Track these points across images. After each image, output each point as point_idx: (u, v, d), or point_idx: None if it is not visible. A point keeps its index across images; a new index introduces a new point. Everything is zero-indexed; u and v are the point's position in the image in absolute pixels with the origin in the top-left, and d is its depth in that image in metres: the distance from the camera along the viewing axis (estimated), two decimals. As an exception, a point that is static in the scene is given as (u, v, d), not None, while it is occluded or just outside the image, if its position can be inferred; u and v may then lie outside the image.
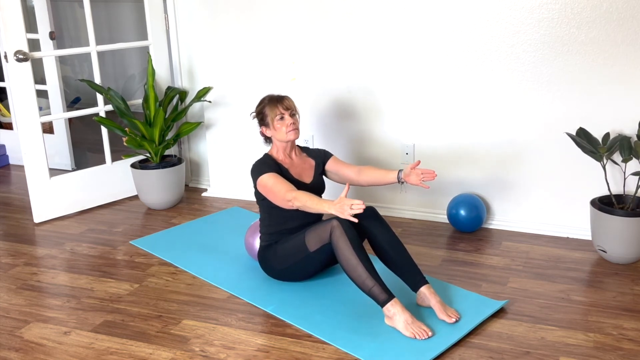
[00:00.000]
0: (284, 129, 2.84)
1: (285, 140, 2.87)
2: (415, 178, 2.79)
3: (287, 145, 2.91)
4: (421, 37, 3.43)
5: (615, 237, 3.01)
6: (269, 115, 2.86)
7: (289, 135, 2.84)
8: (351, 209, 2.38)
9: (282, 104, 2.86)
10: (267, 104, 2.88)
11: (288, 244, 2.78)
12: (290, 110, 2.87)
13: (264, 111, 2.89)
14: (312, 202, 2.57)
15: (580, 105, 3.22)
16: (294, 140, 2.89)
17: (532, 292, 2.82)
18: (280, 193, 2.68)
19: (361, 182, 2.98)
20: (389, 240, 2.70)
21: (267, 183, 2.75)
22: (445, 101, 3.48)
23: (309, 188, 2.87)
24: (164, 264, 3.19)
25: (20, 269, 3.18)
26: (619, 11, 3.04)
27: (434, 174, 2.79)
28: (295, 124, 2.86)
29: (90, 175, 4.01)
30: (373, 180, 2.96)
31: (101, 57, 4.16)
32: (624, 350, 2.38)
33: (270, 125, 2.86)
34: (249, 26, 3.80)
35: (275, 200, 2.73)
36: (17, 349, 2.48)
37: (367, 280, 2.49)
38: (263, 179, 2.77)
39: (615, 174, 3.22)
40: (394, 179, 2.89)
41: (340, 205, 2.41)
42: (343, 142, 3.77)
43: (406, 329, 2.44)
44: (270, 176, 2.75)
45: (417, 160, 2.83)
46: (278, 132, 2.85)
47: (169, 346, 2.47)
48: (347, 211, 2.39)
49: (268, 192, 2.76)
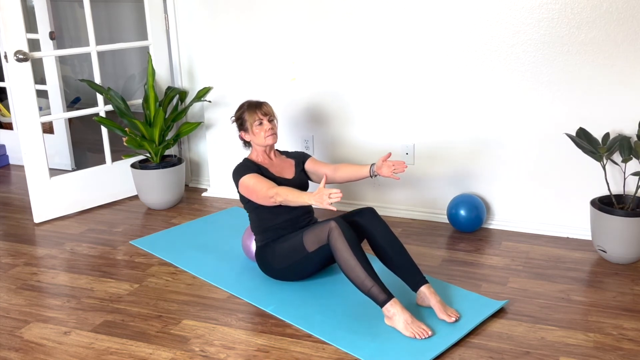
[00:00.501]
0: (263, 134, 2.94)
1: (263, 144, 2.96)
2: (386, 170, 2.86)
3: (265, 149, 3.00)
4: (421, 37, 3.43)
5: (615, 237, 3.01)
6: (248, 120, 2.95)
7: (267, 140, 2.94)
8: (329, 198, 2.43)
9: (260, 110, 2.96)
10: (246, 110, 2.98)
11: (286, 244, 2.78)
12: (269, 116, 2.97)
13: (243, 116, 2.98)
14: (293, 195, 2.63)
15: (580, 105, 3.22)
16: (272, 144, 2.99)
17: (532, 292, 2.82)
18: (262, 191, 2.74)
19: (337, 179, 3.05)
20: (389, 240, 2.71)
21: (248, 184, 2.82)
22: (446, 101, 3.48)
23: (292, 183, 2.93)
24: (164, 264, 3.19)
25: (20, 269, 3.18)
26: (619, 11, 3.05)
27: (404, 165, 2.85)
28: (273, 129, 2.96)
29: (90, 175, 4.01)
30: (348, 176, 3.02)
31: (101, 57, 4.16)
32: (624, 350, 2.38)
33: (249, 130, 2.96)
34: (249, 26, 3.80)
35: (258, 199, 2.79)
36: (17, 349, 2.48)
37: (366, 281, 2.49)
38: (244, 181, 2.84)
39: (615, 174, 3.22)
40: (367, 173, 2.96)
41: (319, 196, 2.47)
42: (343, 142, 3.77)
43: (406, 329, 2.45)
44: (250, 177, 2.82)
45: (388, 153, 2.89)
46: (257, 137, 2.95)
47: (169, 346, 2.47)
48: (326, 200, 2.45)
49: (250, 193, 2.82)
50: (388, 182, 3.71)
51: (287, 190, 2.67)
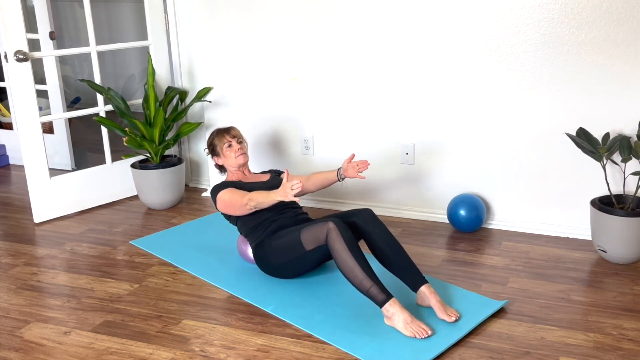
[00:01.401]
0: (233, 155, 3.12)
1: (235, 165, 3.13)
2: (352, 171, 2.96)
3: (238, 169, 3.16)
4: (421, 37, 3.43)
5: (615, 237, 3.01)
6: (217, 145, 3.15)
7: (238, 159, 3.11)
8: (292, 190, 2.53)
9: (228, 134, 3.16)
10: (216, 136, 3.18)
11: (283, 240, 2.80)
12: (237, 138, 3.16)
13: (213, 142, 3.17)
14: (263, 197, 2.74)
15: (580, 105, 3.22)
16: (243, 164, 3.14)
17: (532, 292, 2.82)
18: (237, 201, 2.85)
19: (310, 188, 3.17)
20: (387, 241, 2.71)
21: (225, 199, 2.93)
22: (446, 101, 3.49)
23: (267, 185, 3.04)
24: (164, 264, 3.19)
25: (20, 269, 3.18)
26: (619, 11, 3.05)
27: (367, 163, 2.95)
28: (242, 149, 3.14)
29: (90, 175, 4.01)
30: (319, 183, 3.15)
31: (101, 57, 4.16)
32: (624, 350, 2.38)
33: (221, 153, 3.15)
34: (249, 26, 3.80)
35: (235, 211, 2.91)
36: (17, 349, 2.48)
37: (365, 281, 2.49)
38: (220, 197, 2.94)
39: (615, 174, 3.22)
40: (335, 176, 3.06)
41: (283, 190, 2.59)
42: (343, 142, 3.77)
43: (406, 329, 2.45)
44: (225, 192, 2.94)
45: (352, 154, 2.98)
46: (228, 159, 3.13)
47: (169, 346, 2.47)
48: (289, 192, 2.55)
49: (228, 207, 2.92)
50: (388, 182, 3.71)
51: (257, 194, 2.78)
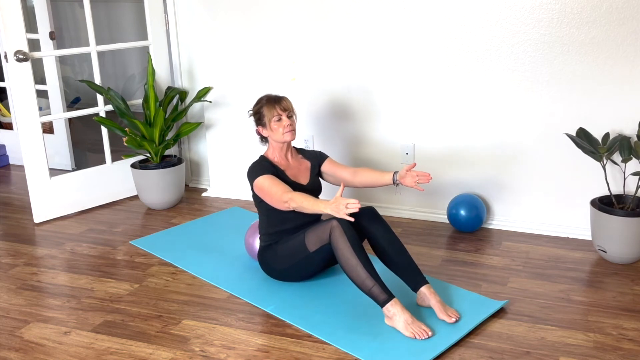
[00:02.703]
0: (281, 130, 2.84)
1: (281, 141, 2.87)
2: (410, 180, 2.80)
3: (283, 146, 2.91)
4: (421, 37, 3.43)
5: (615, 237, 3.01)
6: (266, 115, 2.85)
7: (286, 136, 2.85)
8: (347, 208, 2.39)
9: (280, 105, 2.86)
10: (265, 104, 2.88)
11: (288, 244, 2.78)
12: (288, 112, 2.86)
13: (261, 111, 2.88)
14: (308, 202, 2.57)
15: (580, 105, 3.22)
16: (290, 141, 2.90)
17: (532, 292, 2.82)
18: (277, 195, 2.69)
19: (356, 184, 2.99)
20: (389, 240, 2.70)
21: (263, 185, 2.75)
22: (445, 101, 3.48)
23: (306, 189, 2.87)
24: (164, 264, 3.19)
25: (20, 269, 3.18)
26: (619, 11, 3.05)
27: (429, 176, 2.79)
28: (292, 126, 2.86)
29: (90, 175, 4.01)
30: (368, 182, 2.97)
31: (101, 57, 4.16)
32: (624, 350, 2.38)
33: (267, 125, 2.86)
34: (249, 26, 3.80)
35: (271, 202, 2.74)
36: (17, 349, 2.48)
37: (367, 281, 2.49)
38: (259, 181, 2.77)
39: (615, 174, 3.22)
40: (389, 180, 2.89)
41: (335, 205, 2.42)
42: (343, 142, 3.77)
43: (406, 329, 2.44)
44: (266, 178, 2.76)
45: (413, 162, 2.84)
46: (275, 133, 2.85)
47: (169, 346, 2.47)
48: (342, 210, 2.39)
49: (265, 194, 2.76)
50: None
51: (302, 196, 2.61)
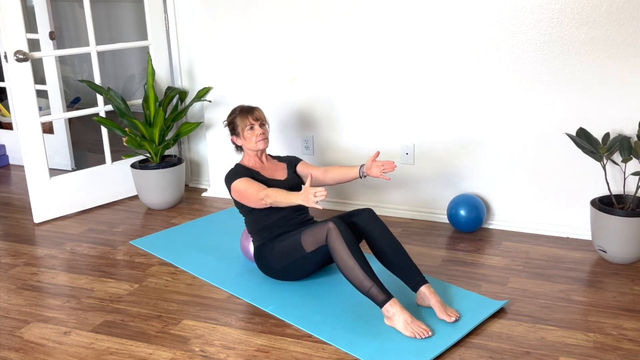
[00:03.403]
0: (254, 139, 2.98)
1: (255, 149, 3.01)
2: (376, 170, 2.89)
3: (257, 153, 3.05)
4: (421, 37, 3.43)
5: (615, 237, 3.01)
6: (239, 125, 3.00)
7: (259, 144, 2.99)
8: (315, 197, 2.46)
9: (252, 115, 3.01)
10: (238, 115, 3.02)
11: (284, 243, 2.79)
12: (260, 121, 3.01)
13: (235, 121, 3.03)
14: (282, 196, 2.67)
15: (580, 105, 3.22)
16: (263, 149, 3.03)
17: (532, 292, 2.82)
18: (253, 194, 2.79)
19: (327, 181, 3.09)
20: (387, 241, 2.71)
21: (240, 188, 2.86)
22: (446, 101, 3.48)
23: (285, 185, 2.96)
24: (164, 264, 3.19)
25: (20, 269, 3.18)
26: (619, 11, 3.05)
27: (393, 164, 2.88)
28: (264, 134, 3.01)
29: (90, 175, 4.01)
30: (338, 178, 3.06)
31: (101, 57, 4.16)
32: (624, 350, 2.38)
33: (241, 134, 3.01)
34: (249, 26, 3.80)
35: (249, 203, 2.84)
36: (17, 349, 2.48)
37: (365, 281, 2.49)
38: (236, 185, 2.88)
39: (615, 174, 3.22)
40: (357, 174, 2.99)
41: (305, 195, 2.51)
42: (342, 142, 3.77)
43: (406, 329, 2.45)
44: (241, 181, 2.87)
45: (377, 152, 2.91)
46: (248, 142, 3.00)
47: (169, 346, 2.47)
48: (311, 199, 2.48)
49: (242, 197, 2.86)
50: (388, 182, 3.71)
51: (276, 191, 2.71)
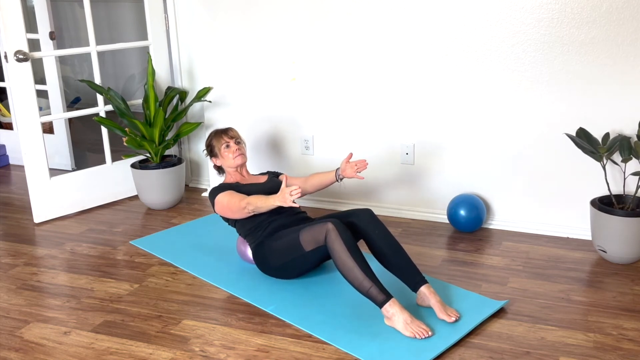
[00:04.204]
0: (231, 155, 3.11)
1: (233, 166, 3.13)
2: (350, 171, 2.99)
3: (237, 169, 3.16)
4: (421, 37, 3.43)
5: (615, 237, 3.01)
6: (216, 146, 3.15)
7: (236, 160, 3.11)
8: (291, 195, 2.53)
9: (226, 134, 3.15)
10: (214, 137, 3.18)
11: (282, 241, 2.80)
12: (235, 139, 3.16)
13: (212, 143, 3.17)
14: (262, 201, 2.74)
15: (580, 105, 3.22)
16: (241, 164, 3.14)
17: (532, 292, 2.82)
18: (235, 204, 2.86)
19: (308, 189, 3.20)
20: (386, 241, 2.71)
21: (222, 201, 2.93)
22: (446, 101, 3.48)
23: (266, 186, 3.04)
24: (164, 264, 3.19)
25: (20, 269, 3.18)
26: (619, 11, 3.05)
27: (365, 162, 2.98)
28: (240, 150, 3.13)
29: (90, 175, 4.01)
30: (317, 184, 3.18)
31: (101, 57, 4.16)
32: (624, 350, 2.38)
33: (219, 154, 3.14)
34: (249, 26, 3.80)
35: (233, 214, 2.91)
36: (17, 349, 2.48)
37: (365, 282, 2.49)
38: (218, 199, 2.94)
39: (615, 174, 3.22)
40: (333, 177, 3.09)
41: (282, 196, 2.59)
42: (342, 142, 3.77)
43: (406, 329, 2.45)
44: (223, 195, 2.94)
45: (349, 153, 3.00)
46: (226, 159, 3.13)
47: (169, 346, 2.47)
48: (288, 198, 2.55)
49: (226, 210, 2.92)
50: (388, 182, 3.71)
51: (255, 198, 2.78)
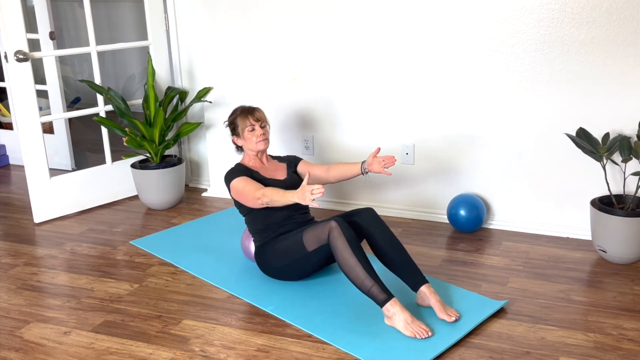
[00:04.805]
0: (254, 139, 2.98)
1: (255, 150, 3.01)
2: (377, 166, 2.89)
3: (257, 154, 3.05)
4: (421, 37, 3.43)
5: (615, 237, 3.01)
6: (240, 125, 3.00)
7: (259, 145, 2.98)
8: (312, 194, 2.45)
9: (253, 116, 3.00)
10: (239, 115, 3.02)
11: (285, 243, 2.79)
12: (261, 122, 3.01)
13: (235, 122, 3.03)
14: (278, 195, 2.65)
15: (580, 105, 3.22)
16: (263, 150, 3.02)
17: (532, 292, 2.82)
18: (250, 193, 2.78)
19: (330, 179, 3.08)
20: (388, 240, 2.71)
21: (238, 186, 2.86)
22: (446, 101, 3.48)
23: (283, 184, 2.94)
24: (164, 264, 3.19)
25: (20, 269, 3.18)
26: (619, 11, 3.05)
27: (393, 159, 2.87)
28: (265, 135, 3.00)
29: (90, 175, 4.01)
30: (340, 175, 3.06)
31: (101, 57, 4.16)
32: (624, 350, 2.38)
33: (241, 135, 3.01)
34: (249, 26, 3.80)
35: (247, 202, 2.83)
36: (17, 349, 2.48)
37: (366, 281, 2.49)
38: (234, 184, 2.87)
39: (615, 174, 3.22)
40: (359, 170, 2.99)
41: (302, 193, 2.49)
42: (343, 142, 3.77)
43: (406, 329, 2.45)
44: (240, 180, 2.86)
45: (377, 148, 2.91)
46: (248, 142, 3.00)
47: (169, 346, 2.47)
48: (308, 197, 2.46)
49: (240, 196, 2.85)
50: (388, 182, 3.71)
51: (272, 190, 2.70)
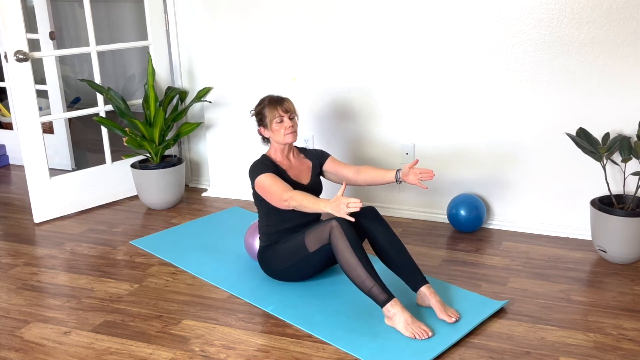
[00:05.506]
0: (282, 132, 2.83)
1: (282, 143, 2.86)
2: (413, 178, 2.80)
3: (284, 147, 2.91)
4: (421, 37, 3.43)
5: (615, 237, 3.01)
6: (267, 116, 2.84)
7: (287, 138, 2.84)
8: (347, 208, 2.37)
9: (282, 107, 2.84)
10: (267, 105, 2.86)
11: (288, 244, 2.78)
12: (290, 113, 2.85)
13: (263, 112, 2.87)
14: (309, 201, 2.56)
15: (580, 105, 3.22)
16: (291, 142, 2.89)
17: (532, 292, 2.82)
18: (277, 193, 2.67)
19: (359, 182, 2.98)
20: (389, 240, 2.70)
21: (264, 183, 2.74)
22: (446, 101, 3.48)
23: (307, 189, 2.86)
24: (164, 264, 3.19)
25: (20, 269, 3.18)
26: (619, 11, 3.05)
27: (432, 173, 2.78)
28: (293, 127, 2.85)
29: (90, 175, 4.01)
30: (371, 180, 2.96)
31: (101, 57, 4.16)
32: (624, 350, 2.38)
33: (269, 126, 2.85)
34: (249, 26, 3.80)
35: (272, 201, 2.73)
36: (17, 349, 2.48)
37: (367, 281, 2.49)
38: (260, 179, 2.76)
39: (615, 174, 3.22)
40: (392, 178, 2.89)
41: (336, 204, 2.40)
42: (343, 142, 3.77)
43: (406, 329, 2.44)
44: (267, 176, 2.74)
45: (416, 159, 2.83)
46: (276, 134, 2.85)
47: (169, 346, 2.47)
48: (343, 209, 2.38)
49: (265, 193, 2.75)
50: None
51: (302, 195, 2.59)
